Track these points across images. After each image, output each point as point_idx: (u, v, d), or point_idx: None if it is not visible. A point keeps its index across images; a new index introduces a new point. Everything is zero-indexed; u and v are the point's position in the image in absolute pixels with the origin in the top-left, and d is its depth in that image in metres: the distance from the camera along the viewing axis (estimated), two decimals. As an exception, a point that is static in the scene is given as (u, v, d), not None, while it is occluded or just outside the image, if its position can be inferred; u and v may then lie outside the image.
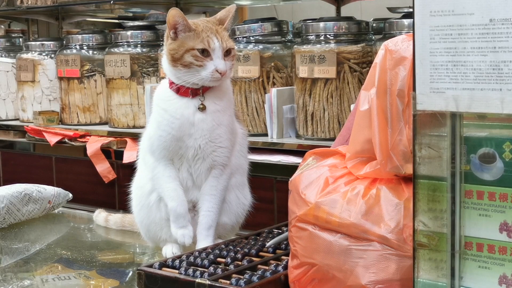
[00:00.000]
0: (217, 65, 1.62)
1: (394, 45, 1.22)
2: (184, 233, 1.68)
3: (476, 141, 1.00)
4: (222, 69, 1.62)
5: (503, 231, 0.99)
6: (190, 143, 1.66)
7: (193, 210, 1.73)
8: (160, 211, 1.73)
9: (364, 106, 1.24)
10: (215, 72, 1.62)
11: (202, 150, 1.66)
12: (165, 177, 1.69)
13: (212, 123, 1.66)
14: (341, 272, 1.21)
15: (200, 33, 1.64)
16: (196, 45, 1.62)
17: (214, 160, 1.68)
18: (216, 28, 1.66)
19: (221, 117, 1.68)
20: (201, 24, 1.66)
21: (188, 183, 1.71)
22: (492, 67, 0.95)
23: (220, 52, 1.63)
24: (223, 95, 1.70)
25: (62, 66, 3.62)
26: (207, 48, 1.62)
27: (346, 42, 2.75)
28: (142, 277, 1.40)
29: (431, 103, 1.01)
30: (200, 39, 1.63)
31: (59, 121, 3.68)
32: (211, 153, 1.67)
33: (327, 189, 1.25)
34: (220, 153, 1.69)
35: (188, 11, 3.80)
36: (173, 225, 1.69)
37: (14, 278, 1.71)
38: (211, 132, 1.66)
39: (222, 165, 1.70)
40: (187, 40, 1.64)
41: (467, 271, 1.02)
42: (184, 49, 1.63)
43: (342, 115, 2.72)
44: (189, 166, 1.69)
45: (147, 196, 1.74)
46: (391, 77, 1.20)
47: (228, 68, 1.65)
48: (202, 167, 1.69)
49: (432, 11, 0.99)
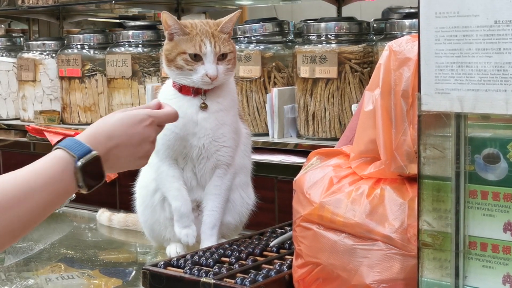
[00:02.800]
0: (207, 70, 1.62)
1: (398, 46, 1.23)
2: (187, 232, 1.69)
3: (481, 141, 1.01)
4: (212, 74, 1.62)
5: (507, 230, 1.00)
6: (194, 142, 1.67)
7: (197, 210, 1.74)
8: (164, 210, 1.74)
9: (369, 107, 1.25)
10: (205, 77, 1.62)
11: (206, 149, 1.67)
12: (169, 177, 1.70)
13: (215, 122, 1.67)
14: (346, 271, 1.22)
15: (194, 36, 1.63)
16: (188, 49, 1.63)
17: (218, 160, 1.69)
18: (212, 31, 1.65)
19: (224, 117, 1.69)
20: (198, 27, 1.65)
21: (193, 182, 1.72)
22: (497, 68, 0.96)
23: (212, 56, 1.63)
24: (226, 94, 1.71)
25: (63, 65, 3.63)
26: (199, 53, 1.63)
27: (347, 42, 2.76)
28: (147, 276, 1.40)
29: (436, 103, 1.02)
30: (192, 43, 1.63)
31: (60, 121, 3.68)
32: (215, 153, 1.68)
33: (332, 189, 1.26)
34: (224, 152, 1.69)
35: (189, 11, 3.81)
36: (177, 224, 1.70)
37: (17, 277, 1.71)
38: (214, 131, 1.67)
39: (226, 164, 1.71)
40: (180, 43, 1.64)
41: (471, 271, 1.03)
42: (177, 52, 1.64)
43: (343, 115, 2.73)
44: (193, 166, 1.70)
45: (151, 195, 1.75)
46: (395, 77, 1.21)
47: (221, 72, 1.63)
48: (206, 167, 1.70)
49: (437, 13, 1.00)
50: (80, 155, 1.15)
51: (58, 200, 1.16)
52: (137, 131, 1.27)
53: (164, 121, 1.37)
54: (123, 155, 1.25)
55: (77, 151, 1.16)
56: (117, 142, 1.24)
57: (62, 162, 1.15)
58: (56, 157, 1.15)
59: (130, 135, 1.26)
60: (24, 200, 1.09)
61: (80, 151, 1.16)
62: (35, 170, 1.13)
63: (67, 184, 1.15)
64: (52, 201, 1.14)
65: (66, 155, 1.15)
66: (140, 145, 1.29)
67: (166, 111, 1.37)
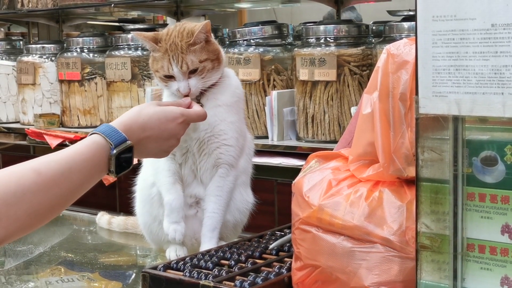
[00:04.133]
0: (179, 87, 1.64)
1: (396, 49, 1.23)
2: (176, 228, 1.69)
3: (478, 144, 1.01)
4: (183, 91, 1.63)
5: (505, 233, 1.00)
6: (194, 135, 1.67)
7: (196, 206, 1.74)
8: (162, 206, 1.73)
9: (367, 110, 1.26)
10: (178, 92, 1.64)
11: (207, 145, 1.68)
12: (165, 171, 1.71)
13: (213, 118, 1.67)
14: (344, 273, 1.22)
15: (163, 55, 1.64)
16: (159, 70, 1.66)
17: (218, 158, 1.69)
18: (181, 46, 1.63)
19: (223, 113, 1.69)
20: (169, 40, 1.64)
21: (190, 178, 1.72)
22: (494, 71, 0.96)
23: (181, 75, 1.63)
24: (225, 90, 1.70)
25: (62, 69, 3.63)
26: (167, 74, 1.65)
27: (346, 45, 2.77)
28: (147, 279, 1.41)
29: (434, 106, 1.02)
30: (161, 64, 1.65)
31: (59, 124, 3.69)
32: (215, 149, 1.68)
33: (330, 192, 1.26)
34: (225, 150, 1.69)
35: (188, 14, 3.82)
36: (166, 219, 1.70)
37: (18, 280, 1.72)
38: (213, 126, 1.67)
39: (227, 164, 1.70)
40: (154, 61, 1.68)
41: (469, 273, 1.03)
42: (153, 69, 1.69)
43: (342, 118, 2.74)
44: (194, 162, 1.71)
45: (149, 188, 1.76)
46: (393, 80, 1.21)
47: (194, 85, 1.63)
48: (207, 164, 1.70)
49: (434, 16, 1.01)
50: (117, 144, 1.24)
51: (90, 183, 1.23)
52: (169, 127, 1.38)
53: (195, 120, 1.49)
54: (151, 147, 1.36)
55: (114, 139, 1.24)
56: (149, 134, 1.34)
57: (99, 147, 1.23)
58: (95, 142, 1.23)
59: (162, 130, 1.37)
60: (65, 179, 1.16)
61: (117, 140, 1.25)
62: (75, 152, 1.21)
63: (101, 168, 1.23)
64: (87, 183, 1.21)
65: (103, 141, 1.23)
66: (169, 140, 1.39)
67: (197, 111, 1.49)
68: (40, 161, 1.16)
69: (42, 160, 1.16)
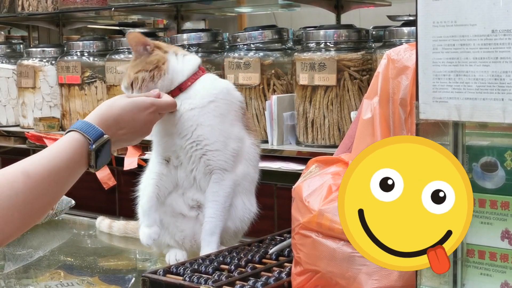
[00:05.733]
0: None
1: (396, 54, 1.23)
2: (144, 231, 1.69)
3: (478, 150, 1.01)
4: None
5: (505, 238, 1.00)
6: (177, 141, 1.68)
7: (198, 209, 1.74)
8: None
9: (367, 115, 1.26)
10: None
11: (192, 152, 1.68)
12: (151, 173, 1.73)
13: (188, 122, 1.67)
14: (344, 279, 1.22)
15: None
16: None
17: (208, 164, 1.69)
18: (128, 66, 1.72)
19: (199, 117, 1.67)
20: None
21: (188, 183, 1.72)
22: (494, 77, 0.97)
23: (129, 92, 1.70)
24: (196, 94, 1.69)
25: (62, 72, 3.63)
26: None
27: (346, 50, 2.77)
28: (147, 284, 1.41)
29: (434, 112, 1.02)
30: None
31: (59, 128, 3.68)
32: (202, 157, 1.68)
33: (330, 197, 1.26)
34: (212, 156, 1.68)
35: (189, 18, 3.82)
36: (140, 222, 1.72)
37: (17, 284, 1.72)
38: (191, 132, 1.67)
39: (220, 169, 1.69)
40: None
41: (469, 278, 1.04)
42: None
43: (342, 122, 2.74)
44: (186, 167, 1.71)
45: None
46: (393, 86, 1.22)
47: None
48: (199, 169, 1.70)
49: (435, 22, 1.01)
50: (95, 139, 1.29)
51: (75, 178, 1.28)
52: (141, 117, 1.45)
53: (165, 109, 1.56)
54: (125, 138, 1.42)
55: (92, 135, 1.29)
56: (123, 126, 1.40)
57: (79, 144, 1.27)
58: (74, 140, 1.27)
59: (135, 120, 1.43)
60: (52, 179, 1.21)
61: (94, 135, 1.29)
62: (58, 151, 1.25)
63: (82, 164, 1.28)
64: (72, 179, 1.27)
65: (82, 138, 1.28)
66: (141, 129, 1.47)
67: (167, 100, 1.56)
68: (27, 162, 1.21)
69: (29, 162, 1.21)
